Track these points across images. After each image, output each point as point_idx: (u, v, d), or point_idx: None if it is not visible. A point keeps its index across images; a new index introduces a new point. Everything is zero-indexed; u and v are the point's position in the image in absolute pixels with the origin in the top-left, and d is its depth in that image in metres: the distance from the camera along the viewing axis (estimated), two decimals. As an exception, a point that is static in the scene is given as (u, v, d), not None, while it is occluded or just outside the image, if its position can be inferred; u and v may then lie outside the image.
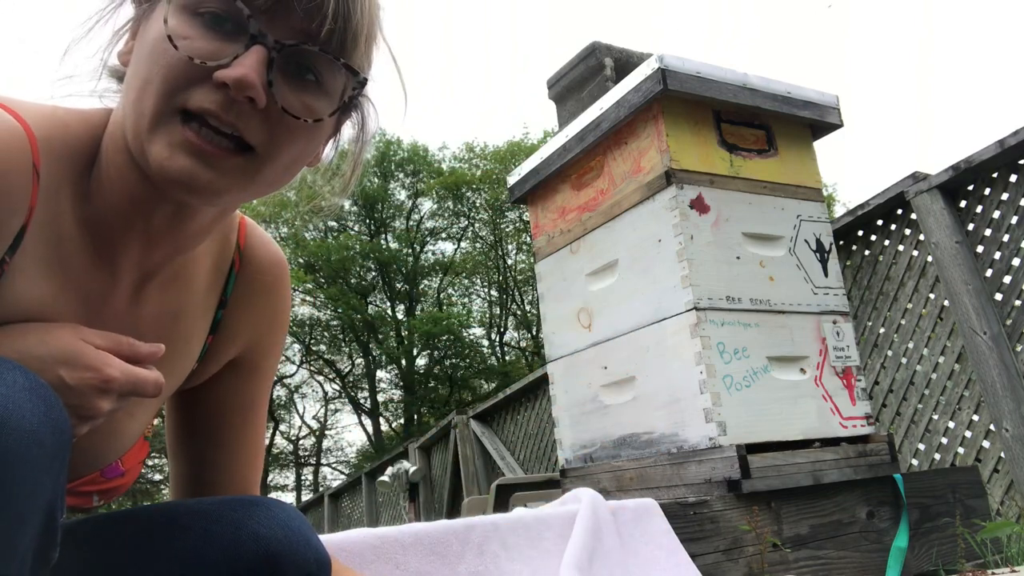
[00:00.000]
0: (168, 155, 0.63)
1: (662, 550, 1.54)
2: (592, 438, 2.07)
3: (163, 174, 0.63)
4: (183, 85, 0.63)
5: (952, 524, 1.90)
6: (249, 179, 0.66)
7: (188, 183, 0.63)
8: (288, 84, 0.66)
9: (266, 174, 0.67)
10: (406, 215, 23.94)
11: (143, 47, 0.66)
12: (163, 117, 0.63)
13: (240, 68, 0.61)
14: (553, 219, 2.28)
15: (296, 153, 0.69)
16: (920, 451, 3.07)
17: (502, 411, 6.11)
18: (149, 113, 0.63)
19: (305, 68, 0.66)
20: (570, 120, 2.25)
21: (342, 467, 24.68)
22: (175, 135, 0.63)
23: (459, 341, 22.19)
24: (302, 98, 0.66)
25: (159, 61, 0.63)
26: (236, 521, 0.71)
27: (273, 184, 0.70)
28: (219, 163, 0.64)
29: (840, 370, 1.96)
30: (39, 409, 0.52)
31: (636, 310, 1.95)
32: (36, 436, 0.51)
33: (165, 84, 0.63)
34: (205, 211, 0.72)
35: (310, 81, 0.67)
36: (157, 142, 0.63)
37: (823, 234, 2.07)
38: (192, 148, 0.63)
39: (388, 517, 8.42)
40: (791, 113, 2.08)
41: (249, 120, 0.64)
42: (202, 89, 0.62)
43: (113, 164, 0.68)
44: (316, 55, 0.65)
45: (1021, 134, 2.75)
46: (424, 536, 1.32)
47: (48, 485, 0.53)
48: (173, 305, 0.78)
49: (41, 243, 0.66)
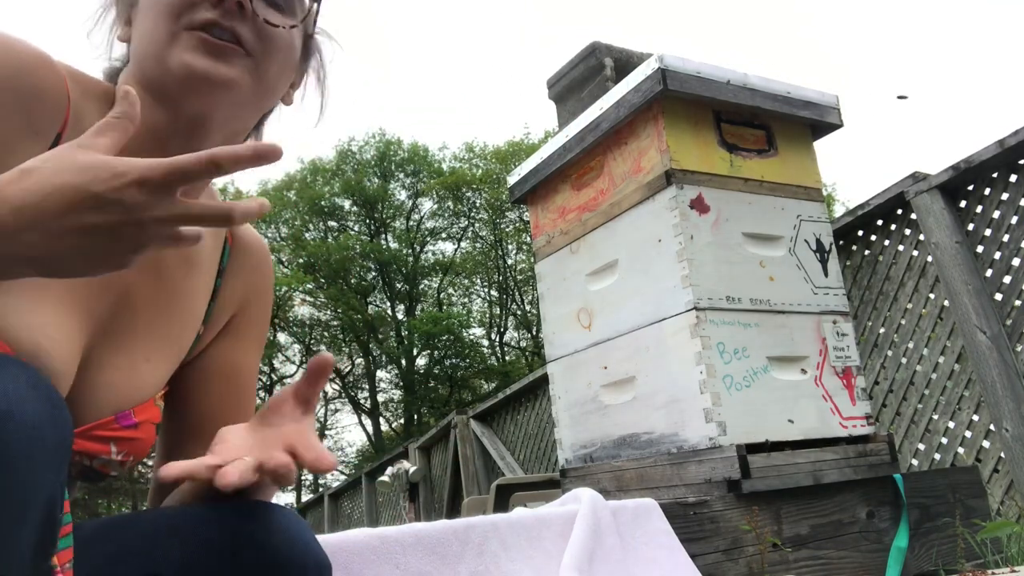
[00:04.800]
0: (192, 56, 0.77)
1: (662, 550, 1.54)
2: (592, 438, 2.07)
3: (189, 71, 0.76)
4: (184, 9, 0.78)
5: (952, 524, 1.90)
6: (253, 74, 0.80)
7: (211, 76, 0.77)
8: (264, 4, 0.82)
9: (265, 71, 0.82)
10: (406, 215, 23.95)
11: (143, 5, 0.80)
12: (175, 35, 0.77)
13: None
14: (553, 219, 2.28)
15: (280, 59, 0.84)
16: (920, 451, 3.07)
17: (502, 411, 6.10)
18: (163, 35, 0.77)
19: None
20: (570, 120, 2.25)
21: (342, 467, 24.67)
22: (192, 39, 0.77)
23: (459, 341, 22.19)
24: (276, 15, 0.83)
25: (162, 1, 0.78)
26: (234, 526, 0.71)
27: (271, 85, 0.84)
28: (232, 56, 0.78)
29: (840, 370, 1.96)
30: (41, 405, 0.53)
31: (636, 310, 1.95)
32: (38, 431, 0.52)
33: (170, 10, 0.78)
34: (212, 133, 0.82)
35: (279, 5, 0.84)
36: (177, 50, 0.77)
37: (823, 234, 2.07)
38: (208, 46, 0.77)
39: (388, 517, 8.42)
40: (791, 113, 2.08)
41: (242, 25, 0.79)
42: (200, 9, 0.78)
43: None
44: None
45: (1021, 134, 2.75)
46: (424, 536, 1.32)
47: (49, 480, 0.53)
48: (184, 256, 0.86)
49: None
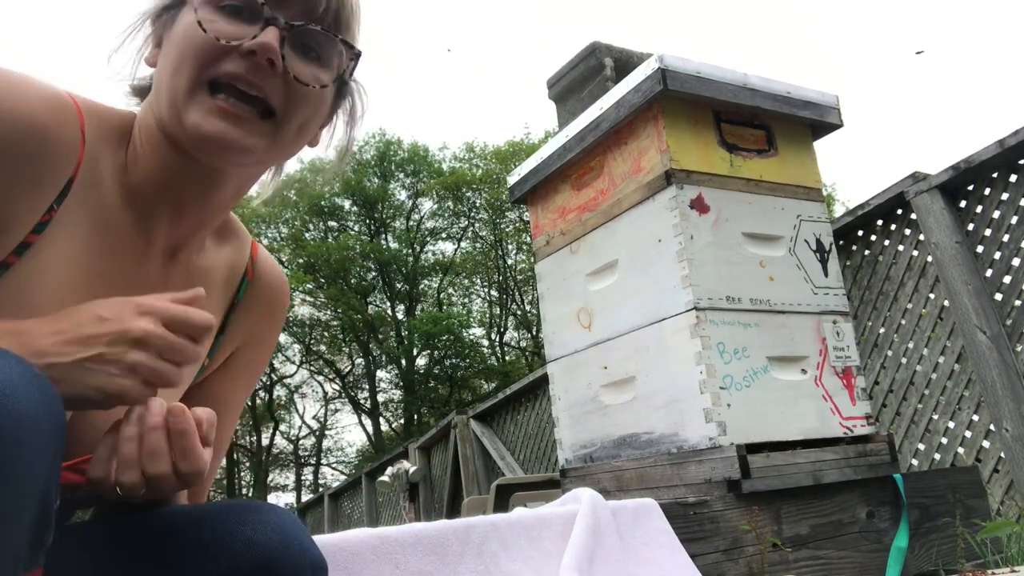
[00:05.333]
0: (205, 118, 0.75)
1: (662, 550, 1.54)
2: (592, 438, 2.07)
3: (200, 135, 0.75)
4: (212, 60, 0.76)
5: (952, 524, 1.90)
6: (271, 140, 0.79)
7: (222, 141, 0.75)
8: (297, 58, 0.79)
9: (284, 136, 0.80)
10: (406, 215, 23.94)
11: (173, 40, 0.78)
12: (196, 89, 0.76)
13: (263, 37, 0.76)
14: (553, 219, 2.28)
15: (306, 117, 0.81)
16: (920, 451, 3.07)
17: (502, 411, 6.10)
18: (185, 86, 0.76)
19: (309, 46, 0.80)
20: (570, 120, 2.25)
21: (342, 467, 24.68)
22: (208, 104, 0.75)
23: (459, 341, 22.18)
24: (309, 69, 0.80)
25: (190, 43, 0.76)
26: (229, 527, 0.71)
27: (288, 146, 0.82)
28: (246, 124, 0.76)
29: (840, 370, 1.96)
30: (35, 396, 0.54)
31: (636, 310, 1.95)
32: (33, 421, 0.52)
33: (197, 60, 0.76)
34: (229, 181, 0.82)
35: (313, 57, 0.81)
36: (194, 110, 0.75)
37: (823, 234, 2.07)
38: (223, 113, 0.75)
39: (388, 517, 8.42)
40: (791, 113, 2.08)
41: (271, 82, 0.77)
42: (229, 61, 0.76)
43: (147, 142, 0.80)
44: (319, 33, 0.80)
45: (1021, 134, 2.75)
46: (424, 536, 1.32)
47: (44, 470, 0.54)
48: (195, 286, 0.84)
49: (85, 199, 0.75)
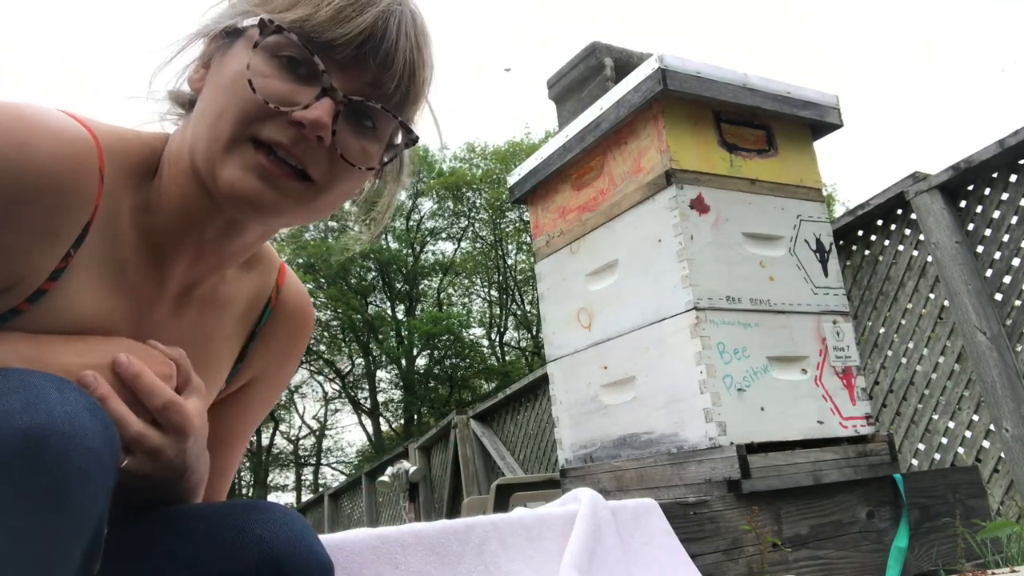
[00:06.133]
0: (241, 176, 0.70)
1: (662, 550, 1.54)
2: (592, 438, 2.07)
3: (233, 192, 0.70)
4: (257, 119, 0.70)
5: (952, 524, 1.90)
6: (306, 204, 0.73)
7: (255, 202, 0.70)
8: (349, 131, 0.73)
9: (320, 202, 0.75)
10: (406, 215, 23.93)
11: (221, 78, 0.73)
12: (236, 143, 0.70)
13: (316, 111, 0.69)
14: (553, 219, 2.28)
15: (347, 189, 0.77)
16: (920, 451, 3.07)
17: (502, 411, 6.10)
18: (224, 138, 0.70)
19: (366, 118, 0.74)
20: (570, 120, 2.25)
21: (342, 467, 24.68)
22: (248, 158, 0.70)
23: (459, 341, 22.18)
24: (360, 143, 0.74)
25: (237, 94, 0.70)
26: (238, 524, 0.71)
27: (322, 211, 0.77)
28: (284, 185, 0.71)
29: (840, 370, 1.96)
30: (98, 428, 0.55)
31: (636, 310, 1.95)
32: (97, 454, 0.54)
33: (242, 115, 0.70)
34: (253, 230, 0.78)
35: (368, 128, 0.75)
36: (230, 164, 0.70)
37: (823, 234, 2.07)
38: (263, 171, 0.70)
39: (388, 517, 8.42)
40: (791, 113, 2.08)
41: (314, 155, 0.71)
42: (275, 123, 0.70)
43: (174, 180, 0.75)
44: (378, 111, 0.74)
45: (1021, 134, 2.75)
46: (424, 536, 1.32)
47: (103, 501, 0.56)
48: (209, 328, 0.83)
49: (102, 242, 0.72)
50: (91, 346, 0.68)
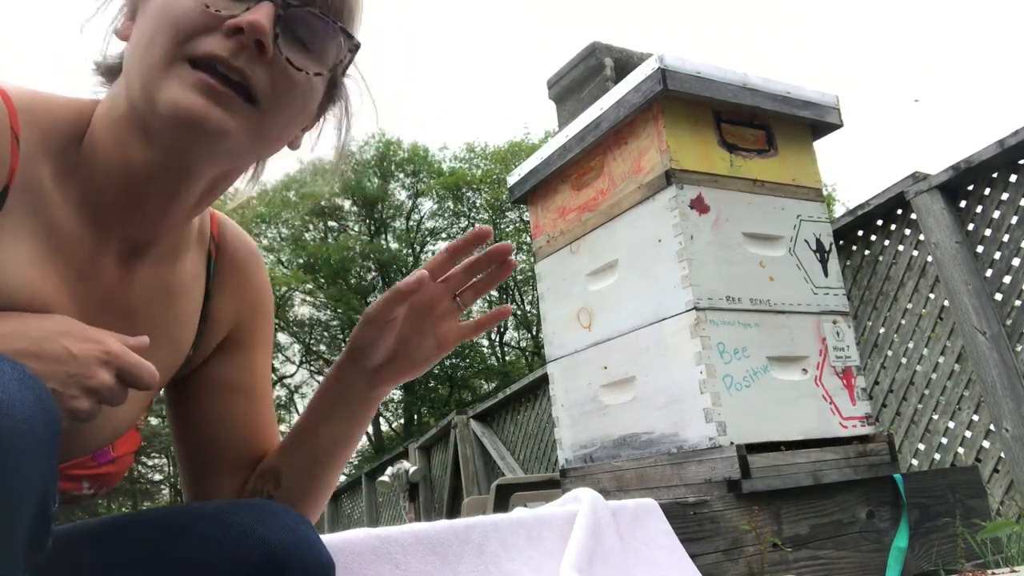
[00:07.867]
0: (183, 94, 0.66)
1: (662, 550, 1.54)
2: (592, 438, 2.07)
3: (177, 112, 0.66)
4: (193, 33, 0.67)
5: (952, 524, 1.90)
6: (254, 128, 0.70)
7: (201, 121, 0.66)
8: (290, 40, 0.70)
9: (268, 127, 0.71)
10: (406, 215, 23.93)
11: (150, 9, 0.69)
12: (173, 63, 0.66)
13: (253, 14, 0.66)
14: (553, 219, 2.28)
15: (294, 110, 0.73)
16: (920, 451, 3.07)
17: (502, 411, 6.10)
18: (159, 59, 0.67)
19: (306, 28, 0.71)
20: (570, 120, 2.25)
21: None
22: (188, 77, 0.66)
23: (459, 341, 22.14)
24: (303, 54, 0.71)
25: (171, 12, 0.67)
26: (241, 524, 0.71)
27: (270, 142, 0.74)
28: (230, 104, 0.67)
29: (840, 370, 1.96)
30: (30, 399, 0.53)
31: (636, 310, 1.95)
32: (30, 425, 0.51)
33: (176, 31, 0.66)
34: (195, 183, 0.74)
35: (307, 38, 0.72)
36: (169, 85, 0.66)
37: (823, 234, 2.07)
38: (205, 87, 0.66)
39: (388, 517, 8.42)
40: (791, 113, 2.08)
41: (255, 68, 0.68)
42: (211, 37, 0.67)
43: (111, 130, 0.71)
44: (317, 17, 0.71)
45: (1021, 134, 2.75)
46: (424, 536, 1.32)
47: (41, 474, 0.53)
48: (165, 280, 0.80)
49: (25, 207, 0.68)
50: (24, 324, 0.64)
